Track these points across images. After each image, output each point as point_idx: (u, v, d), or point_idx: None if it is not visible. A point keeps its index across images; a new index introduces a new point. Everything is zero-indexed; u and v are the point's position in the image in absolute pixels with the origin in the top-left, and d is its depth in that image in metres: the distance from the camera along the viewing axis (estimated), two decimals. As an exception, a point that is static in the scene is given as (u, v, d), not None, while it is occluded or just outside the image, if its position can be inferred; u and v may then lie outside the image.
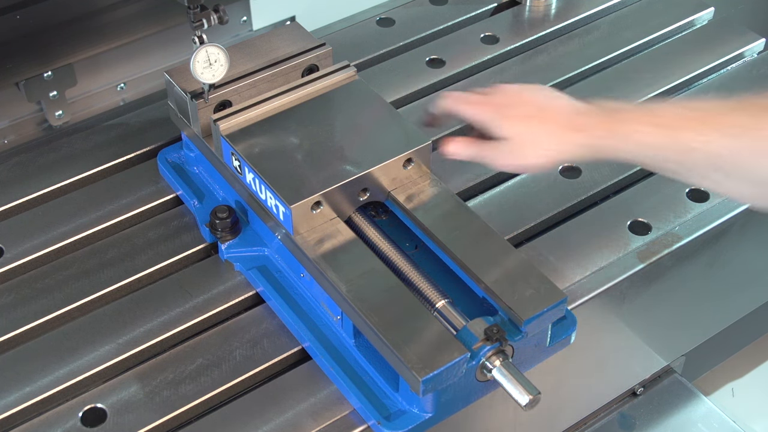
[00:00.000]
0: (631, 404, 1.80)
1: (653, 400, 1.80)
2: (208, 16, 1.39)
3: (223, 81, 1.51)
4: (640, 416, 1.78)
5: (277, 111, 1.50)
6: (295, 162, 1.42)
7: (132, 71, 1.91)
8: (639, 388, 1.81)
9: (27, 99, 1.79)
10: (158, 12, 1.85)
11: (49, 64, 1.77)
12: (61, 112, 1.83)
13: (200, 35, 1.41)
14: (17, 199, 1.60)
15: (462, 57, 1.85)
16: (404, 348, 1.24)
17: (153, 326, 1.41)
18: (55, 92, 1.81)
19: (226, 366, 1.37)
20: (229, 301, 1.45)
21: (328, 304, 1.38)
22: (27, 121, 1.84)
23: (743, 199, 1.40)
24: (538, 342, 1.34)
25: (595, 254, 1.50)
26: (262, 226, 1.47)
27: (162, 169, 1.62)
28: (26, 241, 1.53)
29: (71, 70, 1.80)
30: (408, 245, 1.47)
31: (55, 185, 1.62)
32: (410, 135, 1.46)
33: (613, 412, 1.78)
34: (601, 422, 1.77)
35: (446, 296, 1.34)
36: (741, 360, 1.99)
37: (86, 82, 1.86)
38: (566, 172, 1.63)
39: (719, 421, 1.79)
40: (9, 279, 1.49)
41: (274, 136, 1.46)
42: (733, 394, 1.98)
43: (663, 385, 1.82)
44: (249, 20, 1.99)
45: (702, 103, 1.23)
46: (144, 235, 1.55)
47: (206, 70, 1.42)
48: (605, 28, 1.92)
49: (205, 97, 1.48)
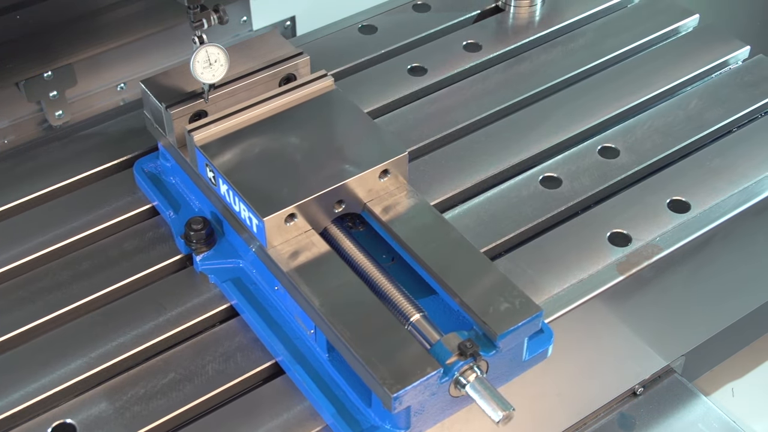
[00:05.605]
0: (631, 404, 1.79)
1: (653, 400, 1.79)
2: (208, 16, 1.39)
3: (198, 90, 1.50)
4: (640, 416, 1.77)
5: (253, 121, 1.48)
6: (270, 173, 1.41)
7: (132, 71, 1.92)
8: (639, 388, 1.80)
9: (27, 99, 1.80)
10: (158, 12, 1.85)
11: (49, 64, 1.78)
12: (61, 112, 1.84)
13: (200, 35, 1.41)
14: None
15: (444, 65, 1.83)
16: (376, 363, 1.22)
17: (126, 340, 1.40)
18: (55, 92, 1.81)
19: (199, 380, 1.35)
20: (203, 314, 1.44)
21: (301, 317, 1.36)
22: (27, 121, 1.85)
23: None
24: (513, 356, 1.32)
25: (574, 266, 1.48)
26: (237, 238, 1.46)
27: (138, 178, 1.60)
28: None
29: (71, 70, 1.81)
30: (385, 257, 1.46)
31: (31, 195, 1.61)
32: (387, 146, 1.44)
33: (613, 412, 1.77)
34: (601, 422, 1.76)
35: (421, 310, 1.32)
36: (741, 360, 1.98)
37: (86, 82, 1.86)
38: (547, 182, 1.61)
39: (719, 421, 1.78)
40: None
41: (249, 146, 1.45)
42: (733, 394, 1.97)
43: (663, 385, 1.82)
44: (249, 20, 2.00)
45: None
46: (119, 246, 1.53)
47: (206, 70, 1.42)
48: (589, 35, 1.90)
49: (205, 97, 1.47)
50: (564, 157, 1.65)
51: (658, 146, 1.66)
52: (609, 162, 1.64)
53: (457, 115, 1.72)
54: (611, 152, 1.66)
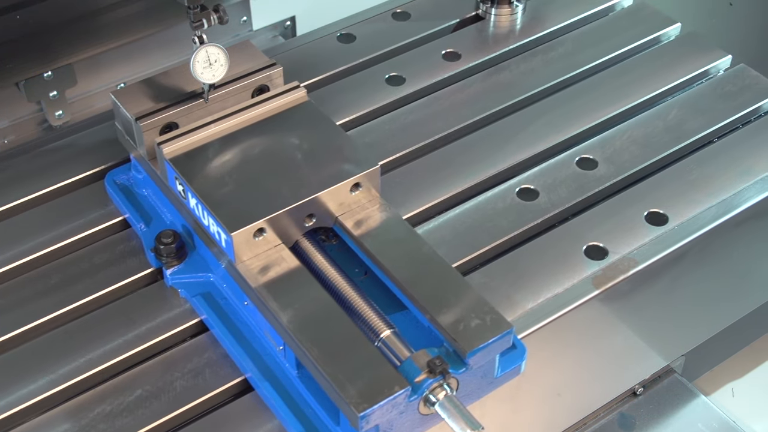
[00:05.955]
0: (631, 404, 1.78)
1: (653, 400, 1.79)
2: (208, 16, 1.39)
3: (169, 102, 1.48)
4: (640, 416, 1.76)
5: (224, 133, 1.47)
6: (240, 187, 1.39)
7: (132, 71, 1.92)
8: (639, 388, 1.79)
9: (27, 99, 1.80)
10: (158, 12, 1.85)
11: (49, 64, 1.78)
12: (61, 112, 1.84)
13: (200, 35, 1.41)
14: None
15: (422, 74, 1.81)
16: (343, 381, 1.21)
17: (93, 356, 1.38)
18: (55, 92, 1.82)
19: (166, 397, 1.33)
20: (173, 329, 1.42)
21: (271, 333, 1.34)
22: (27, 121, 1.85)
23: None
24: (484, 373, 1.30)
25: (550, 280, 1.46)
26: (208, 252, 1.44)
27: (109, 190, 1.59)
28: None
29: (71, 70, 1.81)
30: (357, 271, 1.44)
31: (2, 206, 1.59)
32: (359, 158, 1.42)
33: (613, 412, 1.76)
34: (601, 422, 1.75)
35: (391, 326, 1.31)
36: (741, 360, 1.98)
37: (86, 82, 1.87)
38: (523, 194, 1.59)
39: (719, 421, 1.77)
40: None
41: (220, 159, 1.43)
42: (733, 394, 1.96)
43: (663, 385, 1.81)
44: (249, 20, 2.00)
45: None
46: (90, 259, 1.51)
47: (206, 70, 1.42)
48: (569, 44, 1.88)
49: (205, 97, 1.46)
50: (541, 169, 1.63)
51: (636, 157, 1.65)
52: (587, 173, 1.62)
53: (434, 126, 1.70)
54: (589, 163, 1.64)
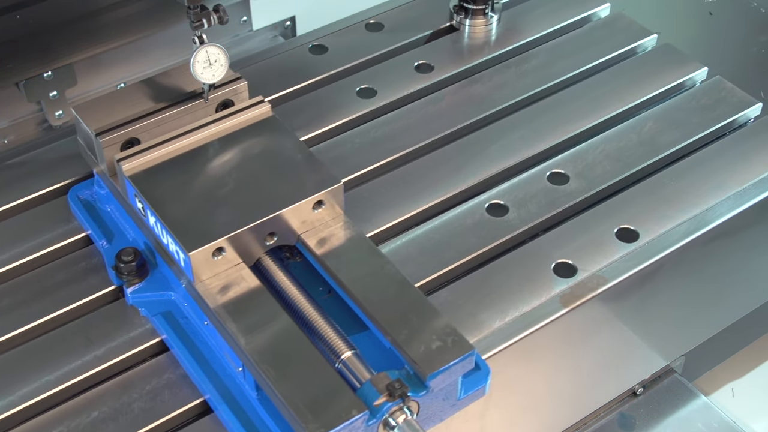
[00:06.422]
0: (631, 404, 1.78)
1: (653, 400, 1.79)
2: (208, 16, 1.38)
3: (131, 117, 1.46)
4: (640, 416, 1.76)
5: (185, 149, 1.44)
6: (200, 204, 1.36)
7: (132, 71, 1.92)
8: (639, 388, 1.78)
9: (27, 99, 1.80)
10: (158, 12, 1.85)
11: (49, 64, 1.78)
12: (61, 112, 1.84)
13: (200, 35, 1.40)
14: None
15: (394, 86, 1.79)
16: (299, 405, 1.18)
17: (51, 377, 1.35)
18: (55, 92, 1.81)
19: (123, 419, 1.31)
20: (133, 349, 1.39)
21: (230, 354, 1.32)
22: (27, 121, 1.85)
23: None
24: (446, 395, 1.28)
25: (517, 299, 1.44)
26: (169, 270, 1.41)
27: (72, 206, 1.56)
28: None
29: (71, 70, 1.81)
30: (321, 289, 1.42)
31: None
32: (322, 175, 1.40)
33: (613, 412, 1.76)
34: (601, 422, 1.75)
35: (353, 347, 1.28)
36: (741, 360, 1.98)
37: (86, 82, 1.86)
38: (493, 210, 1.57)
39: (719, 421, 1.77)
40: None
41: (181, 176, 1.40)
42: (733, 394, 1.96)
43: (663, 385, 1.81)
44: (249, 20, 2.00)
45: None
46: (51, 277, 1.49)
47: (206, 70, 1.41)
48: (543, 56, 1.86)
49: (205, 98, 1.45)
50: (512, 184, 1.61)
51: (608, 172, 1.62)
52: (558, 188, 1.60)
53: (403, 140, 1.68)
54: (560, 178, 1.62)
